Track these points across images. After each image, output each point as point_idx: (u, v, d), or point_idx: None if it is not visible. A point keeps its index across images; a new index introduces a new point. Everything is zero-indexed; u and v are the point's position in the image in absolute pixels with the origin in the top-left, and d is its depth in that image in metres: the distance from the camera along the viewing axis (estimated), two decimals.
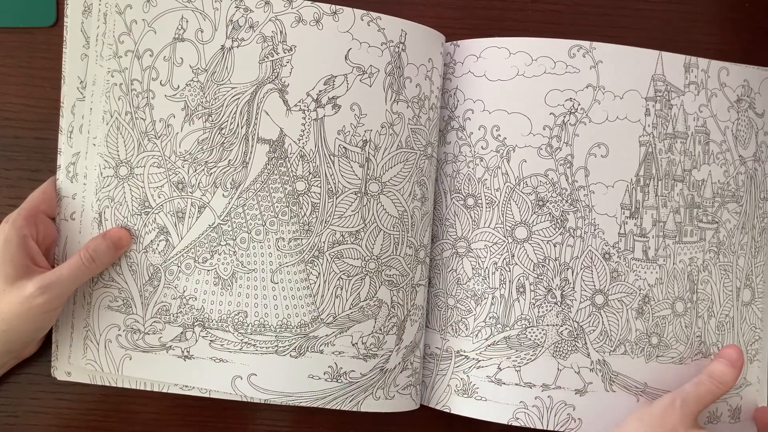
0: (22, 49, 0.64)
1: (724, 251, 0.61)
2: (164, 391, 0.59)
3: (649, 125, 0.60)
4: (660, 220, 0.60)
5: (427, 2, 0.66)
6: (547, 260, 0.59)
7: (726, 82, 0.62)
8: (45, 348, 0.61)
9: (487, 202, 0.60)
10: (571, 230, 0.59)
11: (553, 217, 0.59)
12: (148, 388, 0.59)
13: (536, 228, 0.59)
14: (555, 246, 0.59)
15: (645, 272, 0.60)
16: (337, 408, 0.57)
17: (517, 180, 0.60)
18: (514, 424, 0.58)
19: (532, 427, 0.58)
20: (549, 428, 0.58)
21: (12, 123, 0.64)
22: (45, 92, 0.64)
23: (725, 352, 0.58)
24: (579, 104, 0.60)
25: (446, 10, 0.66)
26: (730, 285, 0.61)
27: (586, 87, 0.60)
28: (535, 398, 0.58)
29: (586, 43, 0.60)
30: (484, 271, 0.59)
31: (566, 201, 0.59)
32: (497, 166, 0.60)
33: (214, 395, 0.58)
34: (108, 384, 0.60)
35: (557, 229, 0.59)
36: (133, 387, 0.59)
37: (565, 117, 0.60)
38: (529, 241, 0.59)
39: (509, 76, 0.60)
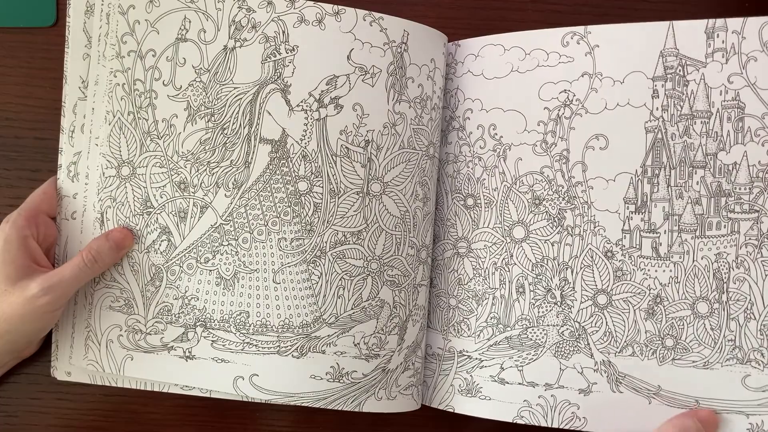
0: (22, 49, 0.64)
1: None
2: (165, 391, 0.59)
3: (657, 108, 0.56)
4: (674, 213, 0.55)
5: (429, 3, 0.66)
6: (545, 260, 0.58)
7: None
8: (45, 348, 0.61)
9: (486, 202, 0.60)
10: (569, 228, 0.58)
11: (549, 215, 0.58)
12: (149, 388, 0.59)
13: (533, 227, 0.59)
14: (553, 245, 0.58)
15: (655, 270, 0.56)
16: (339, 408, 0.57)
17: (514, 179, 0.59)
18: (519, 422, 0.57)
19: (536, 425, 0.57)
20: (553, 426, 0.57)
21: (12, 123, 0.64)
22: (45, 92, 0.64)
23: None
24: (574, 95, 0.58)
25: (447, 11, 0.66)
26: None
27: (582, 76, 0.58)
28: (539, 397, 0.57)
29: (580, 29, 0.57)
30: (485, 272, 0.59)
31: (563, 198, 0.58)
32: (494, 165, 0.60)
33: (215, 395, 0.58)
34: (108, 384, 0.60)
35: (554, 228, 0.58)
36: (134, 387, 0.59)
37: (559, 110, 0.58)
38: (527, 241, 0.59)
39: (504, 73, 0.60)
